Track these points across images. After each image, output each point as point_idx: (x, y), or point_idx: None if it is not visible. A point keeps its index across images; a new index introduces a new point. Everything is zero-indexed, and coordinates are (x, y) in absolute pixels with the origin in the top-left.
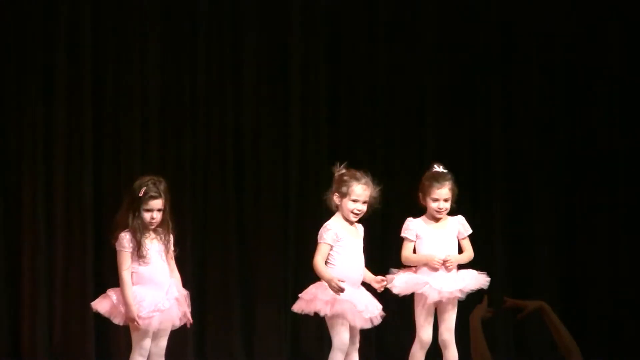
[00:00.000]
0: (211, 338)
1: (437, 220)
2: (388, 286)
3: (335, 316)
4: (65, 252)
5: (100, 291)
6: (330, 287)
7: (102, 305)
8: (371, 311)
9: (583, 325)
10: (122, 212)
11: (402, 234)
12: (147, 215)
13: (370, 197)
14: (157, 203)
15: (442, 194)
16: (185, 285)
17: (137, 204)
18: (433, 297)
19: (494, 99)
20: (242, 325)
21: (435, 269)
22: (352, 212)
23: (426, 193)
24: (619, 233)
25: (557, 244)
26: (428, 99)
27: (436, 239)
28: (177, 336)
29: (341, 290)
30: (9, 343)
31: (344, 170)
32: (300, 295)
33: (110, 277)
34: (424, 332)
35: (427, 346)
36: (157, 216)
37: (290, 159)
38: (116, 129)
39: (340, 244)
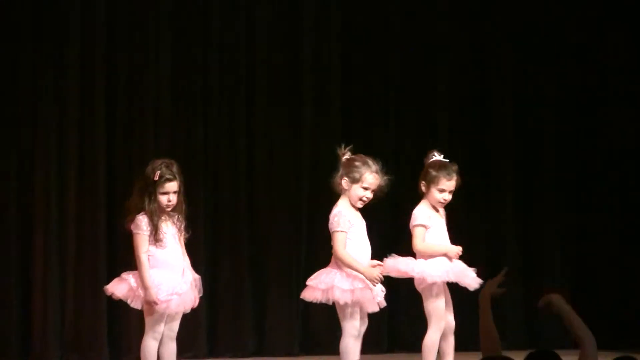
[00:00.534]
0: (222, 324)
1: (437, 209)
2: (434, 278)
3: (353, 304)
4: (77, 237)
5: (113, 275)
6: (368, 278)
7: (119, 288)
8: (380, 295)
9: (595, 312)
10: (135, 196)
11: (419, 222)
12: (163, 198)
13: (379, 185)
14: (173, 185)
15: (449, 186)
16: (196, 270)
17: (152, 188)
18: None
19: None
20: (253, 311)
21: (449, 260)
22: (361, 200)
23: (432, 182)
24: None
25: (568, 231)
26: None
27: (440, 228)
28: (190, 322)
29: (379, 280)
30: (20, 327)
31: (353, 155)
32: (310, 283)
33: (123, 262)
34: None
35: None
36: (173, 199)
37: (303, 148)
38: (129, 113)
39: (352, 229)
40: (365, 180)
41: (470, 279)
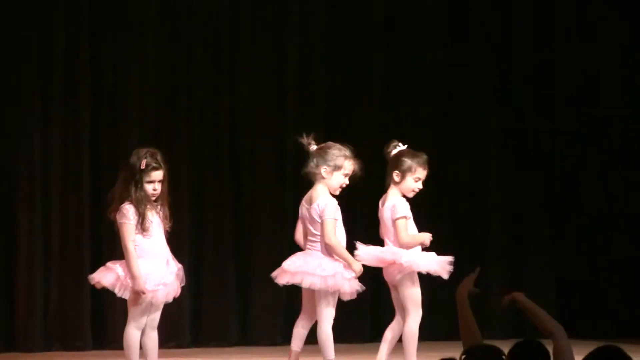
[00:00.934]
0: (206, 314)
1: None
2: (421, 268)
3: (334, 291)
4: (61, 229)
5: (96, 266)
6: (355, 269)
7: (106, 277)
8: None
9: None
10: (120, 185)
11: (403, 214)
12: (149, 187)
13: (353, 171)
14: (159, 174)
15: (424, 175)
16: (180, 259)
17: (139, 176)
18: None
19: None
20: (237, 301)
21: (422, 248)
22: (340, 187)
23: (408, 171)
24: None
25: (553, 228)
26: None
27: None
28: (173, 311)
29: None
30: (4, 317)
31: (320, 143)
32: (290, 269)
33: (107, 252)
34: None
35: None
36: (159, 187)
37: (287, 138)
38: (113, 101)
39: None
40: (346, 167)
41: (447, 270)
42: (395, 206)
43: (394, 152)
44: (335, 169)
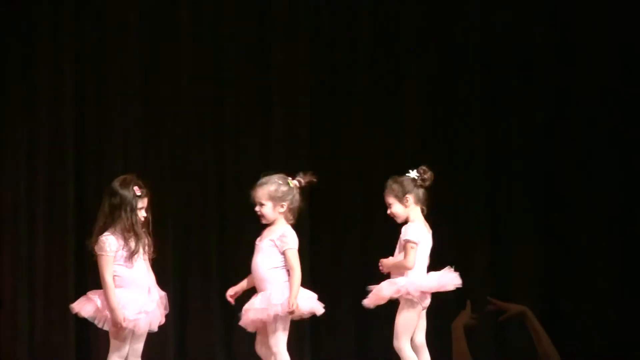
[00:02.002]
0: (191, 341)
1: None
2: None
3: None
4: (46, 254)
5: (81, 292)
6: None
7: (85, 308)
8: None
9: (563, 327)
10: (104, 214)
11: (411, 238)
12: (141, 214)
13: (270, 196)
14: (145, 201)
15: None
16: (165, 286)
17: (129, 204)
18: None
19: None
20: (222, 328)
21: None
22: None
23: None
24: (600, 232)
25: (539, 244)
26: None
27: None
28: (158, 339)
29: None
30: None
31: None
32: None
33: (91, 280)
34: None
35: None
36: (144, 215)
37: (271, 164)
38: (98, 130)
39: None
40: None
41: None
42: (411, 230)
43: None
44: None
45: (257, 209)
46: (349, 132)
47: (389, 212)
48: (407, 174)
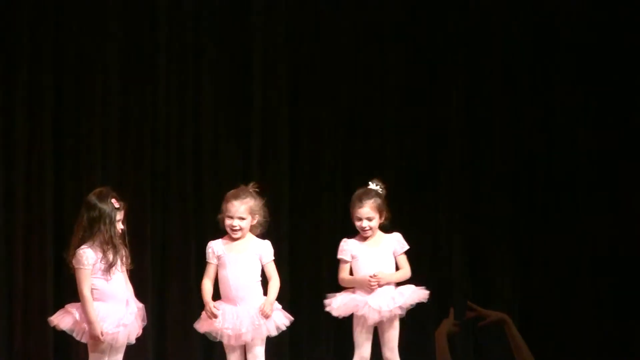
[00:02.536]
0: (170, 353)
1: (366, 239)
2: (327, 308)
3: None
4: (25, 262)
5: (60, 304)
6: (205, 311)
7: (64, 321)
8: (239, 328)
9: (540, 337)
10: (82, 227)
11: (338, 256)
12: (119, 226)
13: (248, 211)
14: (122, 213)
15: (363, 213)
16: (143, 298)
17: (108, 217)
18: (373, 317)
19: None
20: (202, 339)
21: (372, 290)
22: (231, 229)
23: (352, 212)
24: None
25: (517, 249)
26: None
27: (371, 258)
28: (137, 351)
29: (215, 316)
30: None
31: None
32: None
33: (71, 291)
34: (364, 350)
35: None
36: (121, 227)
37: (251, 172)
38: (76, 140)
39: (220, 261)
40: (227, 210)
41: (366, 309)
42: (339, 246)
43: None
44: (222, 214)
45: (236, 223)
46: (330, 141)
47: (368, 225)
48: (372, 187)
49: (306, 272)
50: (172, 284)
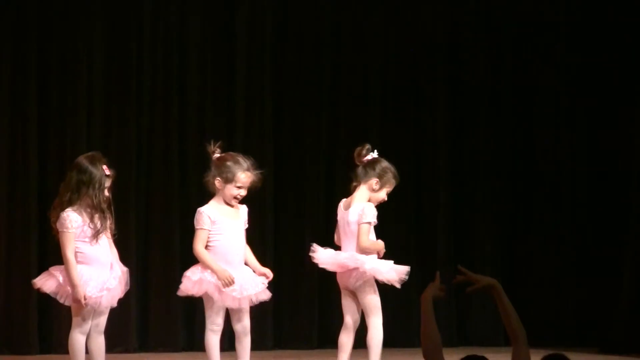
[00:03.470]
0: (153, 319)
1: None
2: (383, 276)
3: (205, 296)
4: (8, 232)
5: (43, 268)
6: (220, 278)
7: (47, 284)
8: (246, 289)
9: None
10: (69, 189)
11: (369, 219)
12: (107, 192)
13: (252, 182)
14: (109, 181)
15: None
16: (127, 263)
17: (97, 182)
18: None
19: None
20: (184, 306)
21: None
22: (235, 198)
23: (387, 183)
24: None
25: (501, 229)
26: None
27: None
28: (120, 316)
29: (230, 283)
30: None
31: (223, 153)
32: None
33: (53, 256)
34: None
35: None
36: (107, 194)
37: (235, 141)
38: (61, 108)
39: (219, 227)
40: (239, 180)
41: (401, 280)
42: (364, 210)
43: (368, 158)
44: (227, 181)
45: (243, 193)
46: (312, 120)
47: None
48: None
49: (289, 245)
50: (155, 249)
